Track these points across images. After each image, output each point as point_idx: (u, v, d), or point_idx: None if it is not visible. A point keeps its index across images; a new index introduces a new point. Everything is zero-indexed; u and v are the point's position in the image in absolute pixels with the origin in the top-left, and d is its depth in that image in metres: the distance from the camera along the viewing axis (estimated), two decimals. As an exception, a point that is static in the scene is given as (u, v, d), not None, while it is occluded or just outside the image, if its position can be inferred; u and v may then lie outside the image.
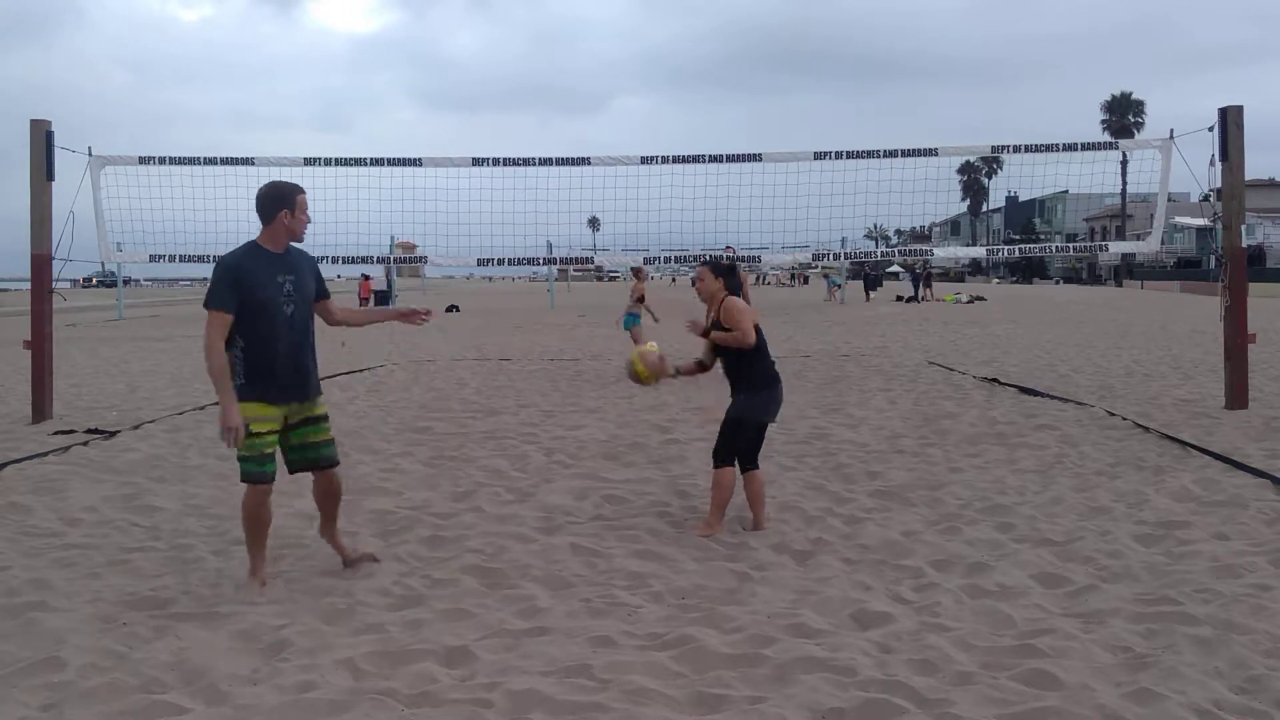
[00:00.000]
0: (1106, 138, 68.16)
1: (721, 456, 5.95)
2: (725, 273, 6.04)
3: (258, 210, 4.84)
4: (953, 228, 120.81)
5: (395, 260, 20.96)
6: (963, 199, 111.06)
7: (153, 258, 12.51)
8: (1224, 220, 10.51)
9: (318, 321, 5.11)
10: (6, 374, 14.83)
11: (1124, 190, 71.17)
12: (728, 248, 13.17)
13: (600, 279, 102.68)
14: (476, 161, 12.41)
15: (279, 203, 4.81)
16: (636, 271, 16.29)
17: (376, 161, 12.63)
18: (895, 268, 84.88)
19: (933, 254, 26.78)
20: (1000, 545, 5.54)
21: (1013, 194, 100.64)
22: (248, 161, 12.21)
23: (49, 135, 10.47)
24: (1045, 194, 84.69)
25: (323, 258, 12.73)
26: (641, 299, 15.48)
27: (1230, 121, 10.27)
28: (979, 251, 24.65)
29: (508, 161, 12.53)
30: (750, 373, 5.93)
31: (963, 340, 20.78)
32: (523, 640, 4.20)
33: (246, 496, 4.91)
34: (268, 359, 4.77)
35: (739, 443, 5.96)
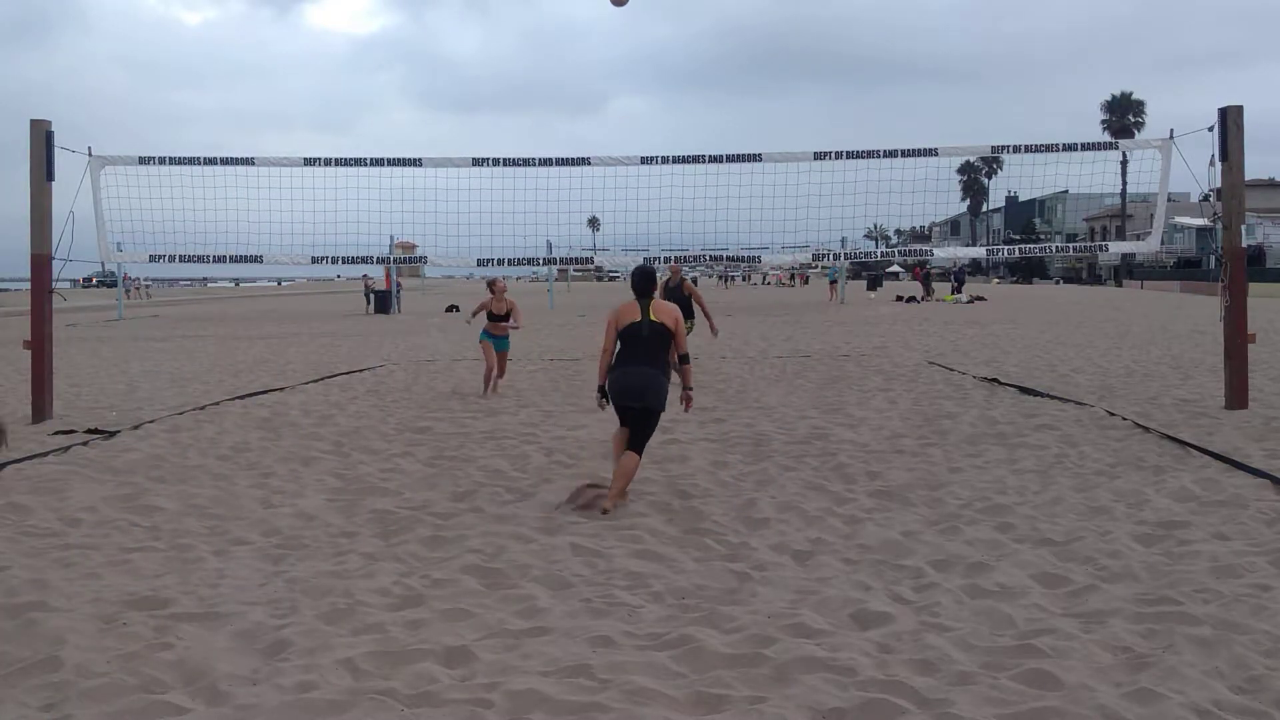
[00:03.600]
0: (1106, 138, 68.17)
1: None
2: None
3: None
4: (953, 228, 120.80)
5: (395, 260, 20.94)
6: (963, 199, 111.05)
7: (153, 258, 12.53)
8: (1224, 220, 10.51)
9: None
10: (6, 374, 14.83)
11: (1124, 190, 71.14)
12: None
13: (600, 279, 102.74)
14: (476, 162, 12.41)
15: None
16: (493, 284, 13.04)
17: (376, 162, 12.64)
18: (895, 267, 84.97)
19: (933, 254, 26.81)
20: (1000, 545, 5.53)
21: (1013, 194, 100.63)
22: (248, 161, 12.22)
23: (49, 135, 10.47)
24: (1045, 194, 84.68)
25: (322, 257, 12.77)
26: (503, 316, 12.69)
27: (1230, 121, 10.27)
28: (979, 251, 24.66)
29: (508, 162, 12.53)
30: None
31: (963, 340, 20.78)
32: (523, 640, 4.20)
33: None
34: None
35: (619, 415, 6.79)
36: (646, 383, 6.53)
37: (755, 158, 12.28)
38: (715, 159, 12.33)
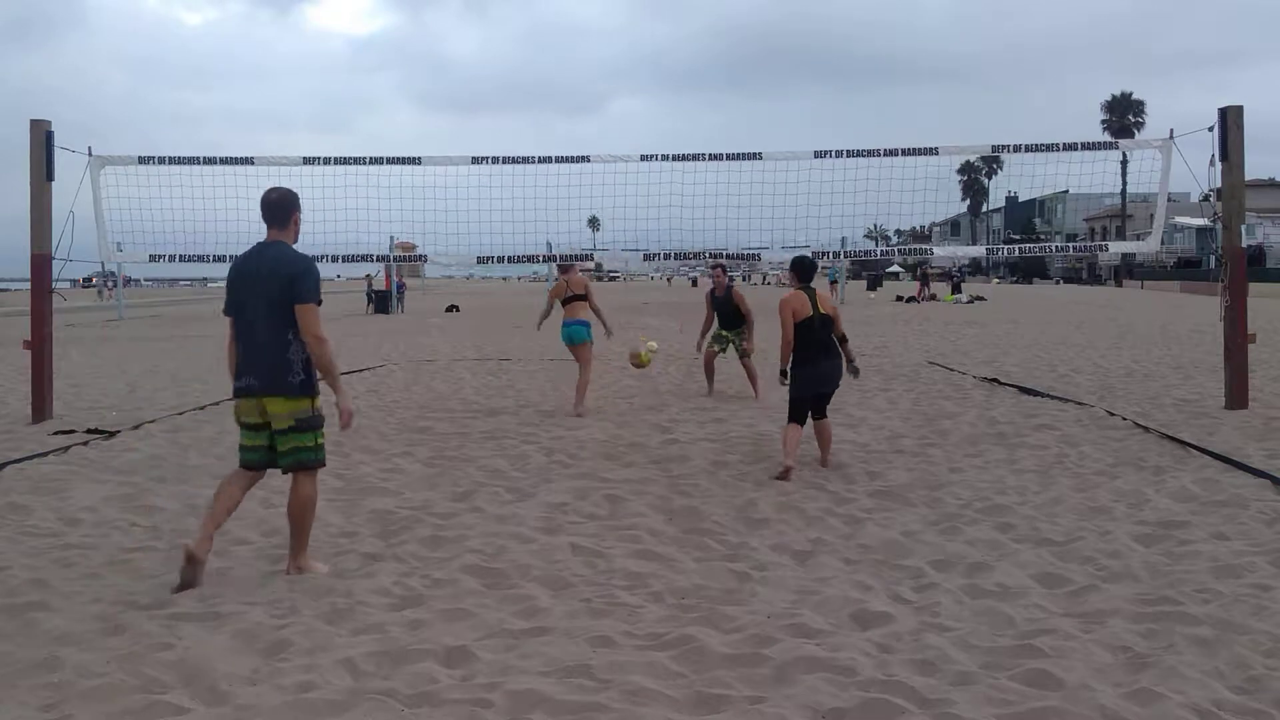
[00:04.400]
0: (1106, 138, 68.15)
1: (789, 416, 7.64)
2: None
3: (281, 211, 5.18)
4: (953, 228, 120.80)
5: (395, 260, 20.93)
6: (963, 199, 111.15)
7: (153, 258, 12.51)
8: (1224, 220, 10.51)
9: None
10: (6, 374, 14.83)
11: (1124, 190, 71.19)
12: (718, 261, 13.06)
13: (600, 278, 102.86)
14: (476, 160, 12.39)
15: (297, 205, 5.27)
16: (566, 268, 11.29)
17: (376, 161, 12.61)
18: (895, 267, 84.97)
19: (933, 254, 26.81)
20: (1000, 545, 5.53)
21: (1013, 194, 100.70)
22: (247, 161, 12.21)
23: (49, 135, 10.47)
24: (1045, 194, 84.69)
25: (322, 257, 12.74)
26: (576, 299, 10.75)
27: (1230, 121, 10.27)
28: (979, 251, 24.64)
29: (507, 160, 12.51)
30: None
31: (963, 340, 20.78)
32: (523, 640, 4.19)
33: (312, 485, 5.19)
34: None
35: (793, 408, 7.62)
36: (834, 372, 7.66)
37: (755, 156, 12.27)
38: (715, 158, 12.33)
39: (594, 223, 41.50)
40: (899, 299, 43.97)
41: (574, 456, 8.31)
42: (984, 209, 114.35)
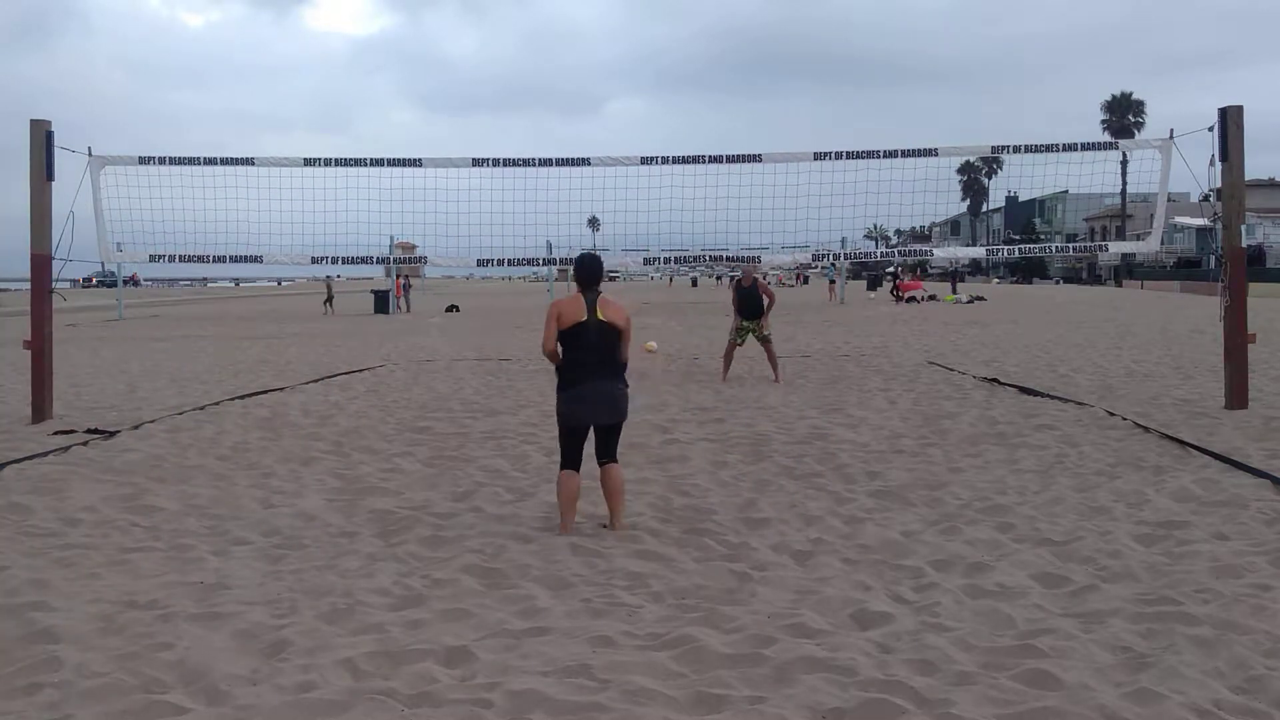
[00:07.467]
0: (1106, 138, 68.12)
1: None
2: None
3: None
4: (953, 228, 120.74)
5: (395, 260, 20.94)
6: (963, 199, 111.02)
7: (153, 258, 12.53)
8: (1224, 220, 10.51)
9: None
10: (6, 374, 14.82)
11: (1124, 190, 71.07)
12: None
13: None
14: (476, 162, 12.40)
15: None
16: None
17: (376, 162, 12.62)
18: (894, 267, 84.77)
19: (933, 254, 26.81)
20: (1000, 545, 5.53)
21: (1013, 194, 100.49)
22: (248, 162, 12.22)
23: (49, 135, 10.46)
24: (1045, 194, 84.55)
25: (323, 257, 12.77)
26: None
27: (1230, 121, 10.27)
28: (979, 251, 24.64)
29: (507, 162, 12.52)
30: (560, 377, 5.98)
31: (963, 340, 20.77)
32: (523, 640, 4.20)
33: None
34: None
35: (562, 444, 6.00)
36: (609, 398, 5.87)
37: (755, 158, 12.27)
38: (715, 159, 12.33)
39: (594, 222, 41.52)
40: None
41: (574, 456, 8.29)
42: (984, 209, 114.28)
